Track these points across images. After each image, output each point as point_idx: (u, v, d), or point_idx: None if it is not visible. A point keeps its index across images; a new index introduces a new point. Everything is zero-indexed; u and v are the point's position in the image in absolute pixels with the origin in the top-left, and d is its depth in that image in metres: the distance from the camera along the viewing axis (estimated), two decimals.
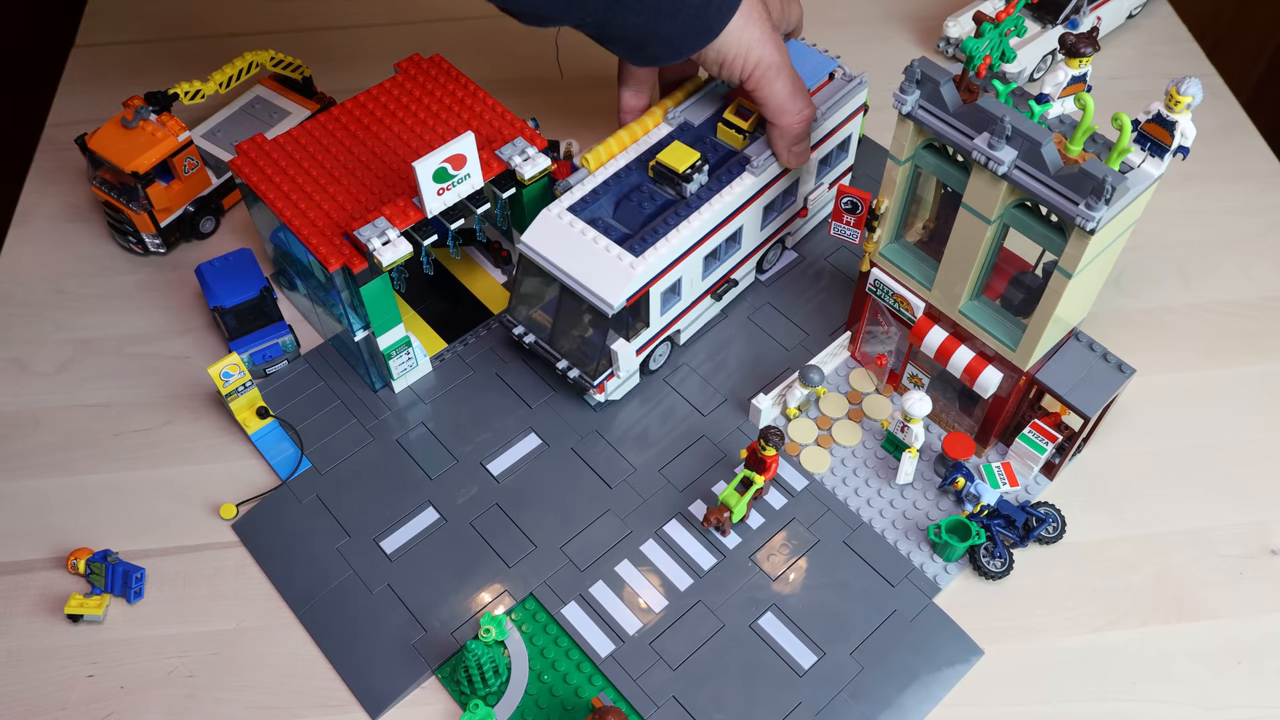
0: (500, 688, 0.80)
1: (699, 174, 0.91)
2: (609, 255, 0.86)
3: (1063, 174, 0.70)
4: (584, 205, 0.91)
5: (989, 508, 0.87)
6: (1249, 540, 0.88)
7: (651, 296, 0.89)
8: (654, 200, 0.92)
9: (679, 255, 0.89)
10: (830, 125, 0.98)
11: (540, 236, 0.89)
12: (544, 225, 0.89)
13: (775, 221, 1.00)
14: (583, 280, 0.87)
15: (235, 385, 0.91)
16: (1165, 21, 1.29)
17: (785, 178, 0.96)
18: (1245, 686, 0.81)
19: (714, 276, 0.96)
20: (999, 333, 0.82)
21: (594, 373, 0.91)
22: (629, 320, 0.90)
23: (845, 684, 0.81)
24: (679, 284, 0.92)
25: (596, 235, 0.87)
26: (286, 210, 0.89)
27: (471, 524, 0.89)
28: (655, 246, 0.87)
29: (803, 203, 1.02)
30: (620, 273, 0.86)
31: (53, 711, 0.81)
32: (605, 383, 0.92)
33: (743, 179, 0.92)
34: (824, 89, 0.98)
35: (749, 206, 0.94)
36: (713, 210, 0.90)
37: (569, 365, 0.92)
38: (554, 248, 0.88)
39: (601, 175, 0.93)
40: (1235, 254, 1.07)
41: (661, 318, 0.92)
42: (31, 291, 1.05)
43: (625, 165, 0.93)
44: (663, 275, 0.88)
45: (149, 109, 1.03)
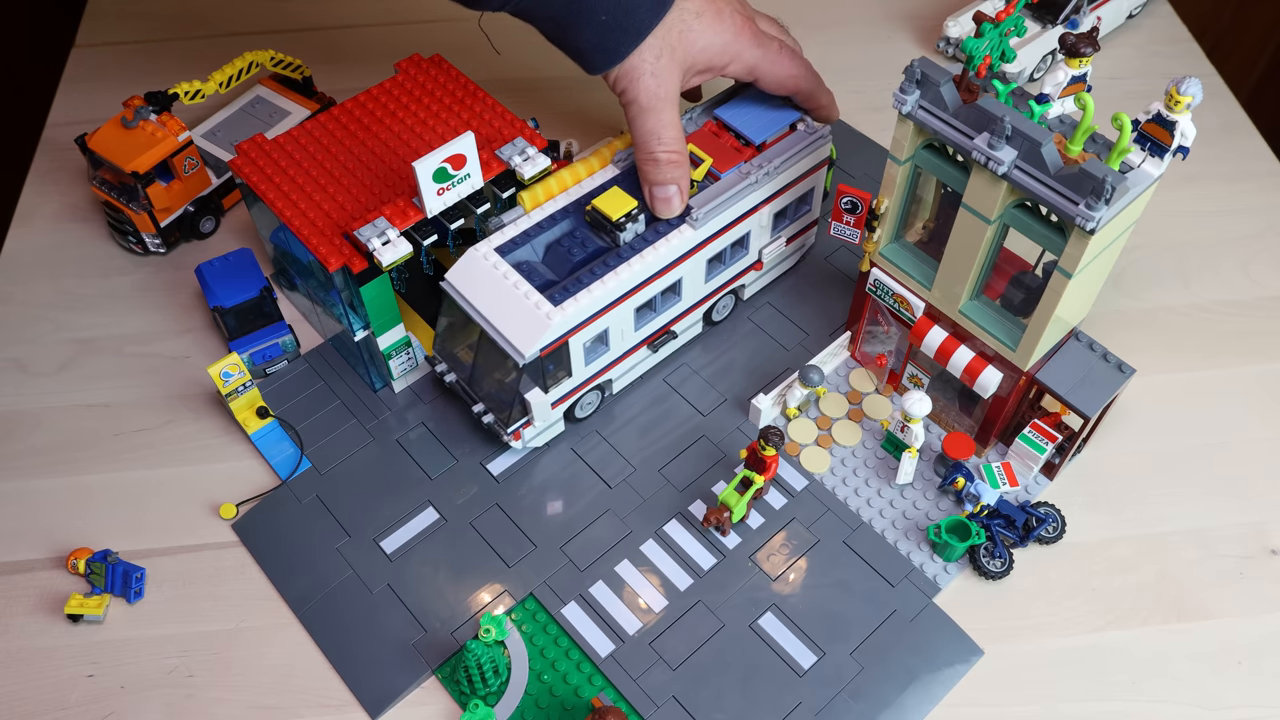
0: (500, 688, 0.80)
1: (634, 223, 0.87)
2: (527, 302, 0.83)
3: (1063, 174, 0.70)
4: (513, 246, 0.87)
5: (989, 508, 0.87)
6: (1249, 540, 0.88)
7: (572, 347, 0.85)
8: (585, 247, 0.87)
9: (604, 306, 0.85)
10: (787, 178, 0.93)
11: (463, 276, 0.86)
12: (468, 264, 0.86)
13: (723, 274, 0.96)
14: (498, 326, 0.83)
15: (235, 385, 0.91)
16: (1165, 21, 1.29)
17: (734, 230, 0.92)
18: (1245, 686, 0.81)
19: (649, 328, 0.92)
20: (999, 333, 0.82)
21: (507, 420, 0.87)
22: (548, 369, 0.85)
23: (845, 684, 0.81)
24: (606, 335, 0.88)
25: (519, 280, 0.84)
26: (286, 210, 0.89)
27: (471, 524, 0.89)
28: (577, 297, 0.83)
29: (757, 256, 0.98)
30: (536, 322, 0.82)
31: (53, 711, 0.81)
32: (522, 430, 0.89)
33: (681, 231, 0.88)
34: (782, 140, 0.93)
35: (689, 259, 0.90)
36: (644, 262, 0.86)
37: (485, 409, 0.89)
38: (475, 289, 0.85)
39: (537, 216, 0.89)
40: (1235, 254, 1.07)
41: (587, 368, 0.89)
42: (31, 291, 1.05)
43: (562, 208, 0.89)
44: (585, 326, 0.85)
45: (149, 109, 1.03)
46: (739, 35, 0.87)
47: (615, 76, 0.85)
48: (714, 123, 0.95)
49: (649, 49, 0.83)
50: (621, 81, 0.85)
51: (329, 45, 1.27)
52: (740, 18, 0.88)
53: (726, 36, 0.87)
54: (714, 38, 0.86)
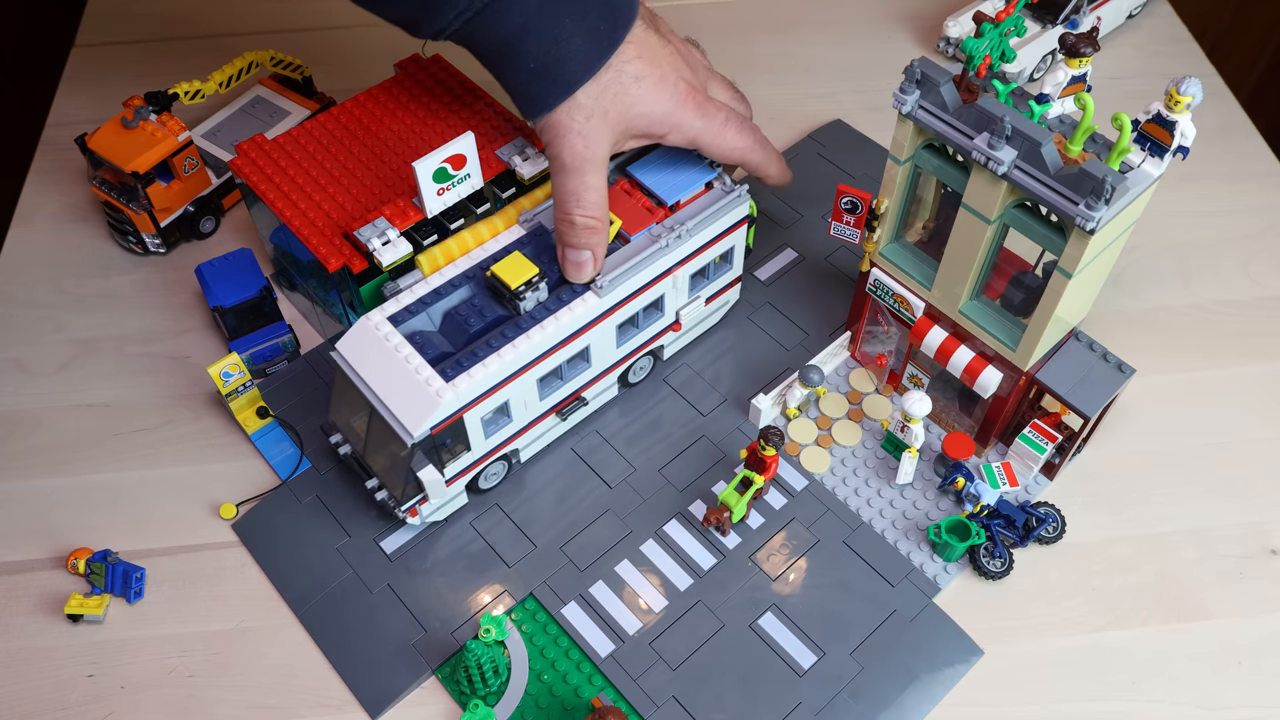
0: (500, 688, 0.80)
1: (534, 291, 0.82)
2: (418, 378, 0.78)
3: (1063, 174, 0.70)
4: (408, 315, 0.82)
5: (989, 508, 0.87)
6: (1249, 540, 0.88)
7: (468, 422, 0.81)
8: (484, 315, 0.82)
9: (502, 379, 0.81)
10: (702, 239, 0.89)
11: (354, 346, 0.81)
12: (360, 334, 0.81)
13: (637, 338, 0.91)
14: (387, 402, 0.79)
15: (235, 385, 0.91)
16: (1165, 21, 1.29)
17: (647, 294, 0.88)
18: (1245, 686, 0.81)
19: (556, 397, 0.88)
20: (999, 333, 0.82)
21: (401, 497, 0.83)
22: (442, 445, 0.81)
23: (845, 684, 0.81)
24: (508, 406, 0.84)
25: (410, 353, 0.79)
26: (286, 210, 0.89)
27: (471, 524, 0.89)
28: (471, 372, 0.79)
29: (674, 317, 0.93)
30: (426, 399, 0.77)
31: (53, 711, 0.81)
32: (418, 506, 0.84)
33: (585, 299, 0.83)
34: (697, 200, 0.89)
35: (595, 327, 0.85)
36: (546, 332, 0.81)
37: (378, 485, 0.84)
38: (365, 361, 0.80)
39: (435, 281, 0.84)
40: (1235, 254, 1.07)
41: (487, 441, 0.84)
42: (31, 291, 1.05)
43: (463, 272, 0.84)
44: (481, 400, 0.80)
45: (149, 109, 1.03)
46: (681, 104, 0.82)
47: (542, 128, 0.80)
48: (626, 180, 0.90)
49: (579, 107, 0.78)
50: (547, 134, 0.80)
51: (329, 45, 1.27)
52: (685, 85, 0.82)
53: (667, 105, 0.81)
54: (652, 105, 0.81)
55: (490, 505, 0.90)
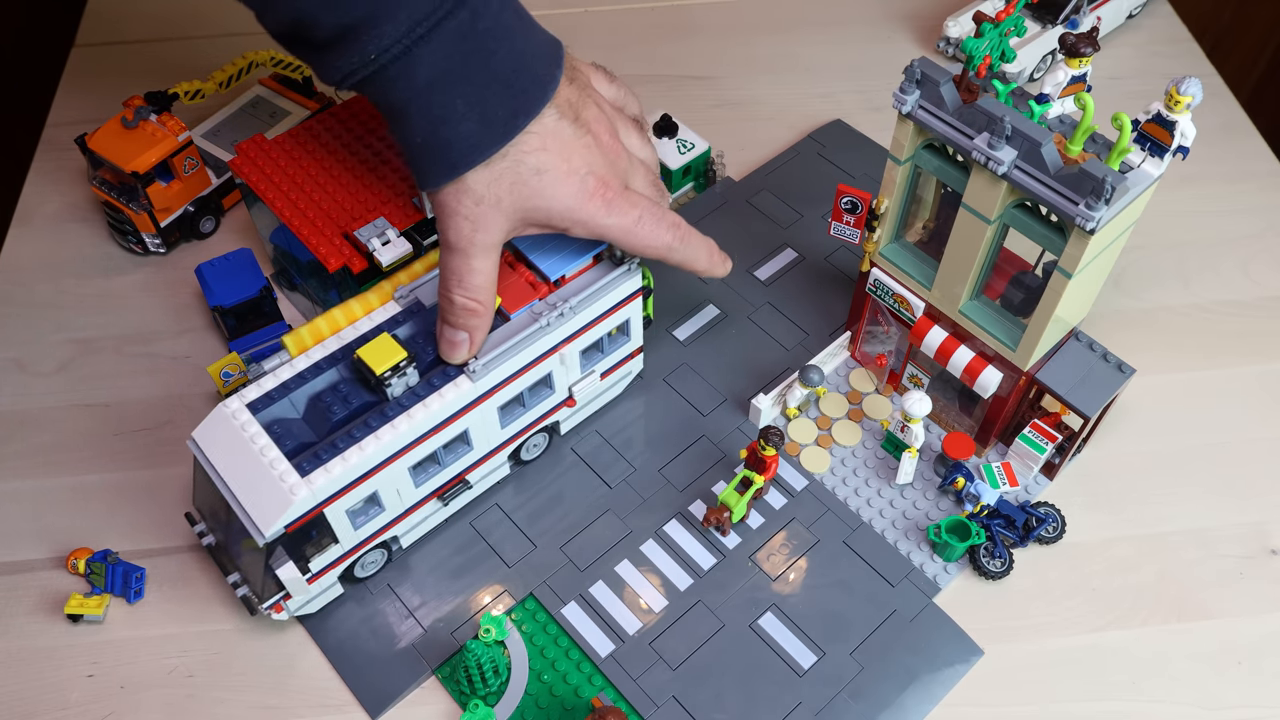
0: (500, 688, 0.80)
1: (402, 376, 0.76)
2: (272, 473, 0.73)
3: (1063, 174, 0.70)
4: (268, 401, 0.76)
5: (989, 508, 0.87)
6: (1249, 540, 0.88)
7: (330, 516, 0.76)
8: (350, 402, 0.76)
9: (366, 471, 0.75)
10: (590, 315, 0.83)
11: (211, 435, 0.76)
12: (216, 422, 0.76)
13: (525, 417, 0.86)
14: (240, 498, 0.73)
15: (235, 385, 0.91)
16: (1165, 21, 1.29)
17: (532, 372, 0.82)
18: (1245, 686, 0.81)
19: (434, 483, 0.83)
20: (999, 333, 0.82)
21: (262, 595, 0.78)
22: (305, 541, 0.76)
23: (845, 684, 0.81)
24: (378, 496, 0.79)
25: (267, 444, 0.74)
26: (286, 210, 0.89)
27: (471, 524, 0.89)
28: (328, 466, 0.73)
29: (567, 393, 0.88)
30: (280, 495, 0.72)
31: (53, 711, 0.81)
32: (283, 602, 0.79)
33: (458, 384, 0.78)
34: (584, 274, 0.83)
35: (471, 411, 0.80)
36: (413, 422, 0.76)
37: (240, 579, 0.80)
38: (221, 452, 0.75)
39: (301, 364, 0.78)
40: (1235, 254, 1.07)
41: (357, 532, 0.79)
42: (31, 291, 1.05)
43: (330, 354, 0.79)
44: (344, 494, 0.75)
45: (149, 109, 1.03)
46: (587, 201, 0.76)
47: (431, 202, 0.76)
48: (510, 253, 0.83)
49: (467, 192, 0.73)
50: (435, 210, 0.75)
51: None
52: (594, 180, 0.76)
53: (570, 201, 0.75)
54: (553, 200, 0.75)
55: (490, 506, 0.90)
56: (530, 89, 0.73)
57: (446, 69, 0.70)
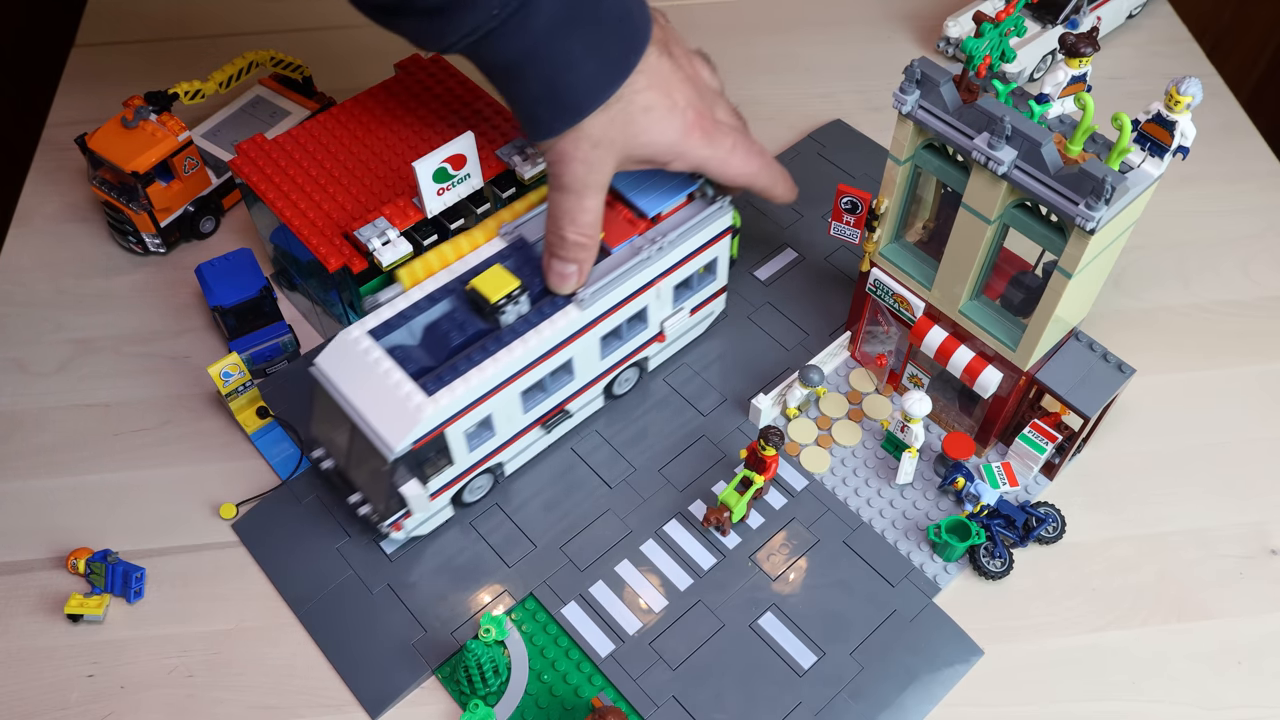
0: (500, 688, 0.81)
1: (515, 304, 0.81)
2: (398, 393, 0.77)
3: (1063, 174, 0.70)
4: (388, 329, 0.81)
5: (989, 508, 0.87)
6: (1249, 540, 0.88)
7: (450, 436, 0.80)
8: (465, 329, 0.81)
9: (484, 393, 0.80)
10: (685, 251, 0.88)
11: (334, 361, 0.80)
12: (339, 349, 0.80)
13: (622, 349, 0.90)
14: (367, 418, 0.78)
15: (235, 385, 0.91)
16: (1165, 21, 1.29)
17: (630, 305, 0.87)
18: (1245, 686, 0.81)
19: (539, 410, 0.87)
20: (999, 333, 0.82)
21: (383, 513, 0.82)
22: (425, 459, 0.80)
23: (845, 684, 0.81)
24: (491, 420, 0.83)
25: (391, 367, 0.78)
26: (286, 210, 0.89)
27: (471, 524, 0.89)
28: (452, 386, 0.78)
29: (658, 329, 0.93)
30: (407, 414, 0.77)
31: (53, 711, 0.81)
32: (402, 521, 0.84)
33: (567, 312, 0.82)
34: (679, 212, 0.88)
35: (578, 340, 0.85)
36: (527, 347, 0.80)
37: (361, 500, 0.84)
38: (345, 376, 0.79)
39: (415, 295, 0.83)
40: (1235, 254, 1.07)
41: (471, 454, 0.84)
42: (31, 291, 1.05)
43: (443, 286, 0.83)
44: (463, 415, 0.79)
45: (149, 109, 1.03)
46: (688, 134, 0.80)
47: (545, 150, 0.79)
48: (608, 194, 0.85)
49: (585, 136, 0.76)
50: (550, 157, 0.79)
51: (329, 45, 1.27)
52: (693, 113, 0.80)
53: (673, 136, 0.79)
54: (659, 136, 0.79)
55: (490, 506, 0.90)
56: (638, 27, 0.76)
57: (563, 15, 0.72)
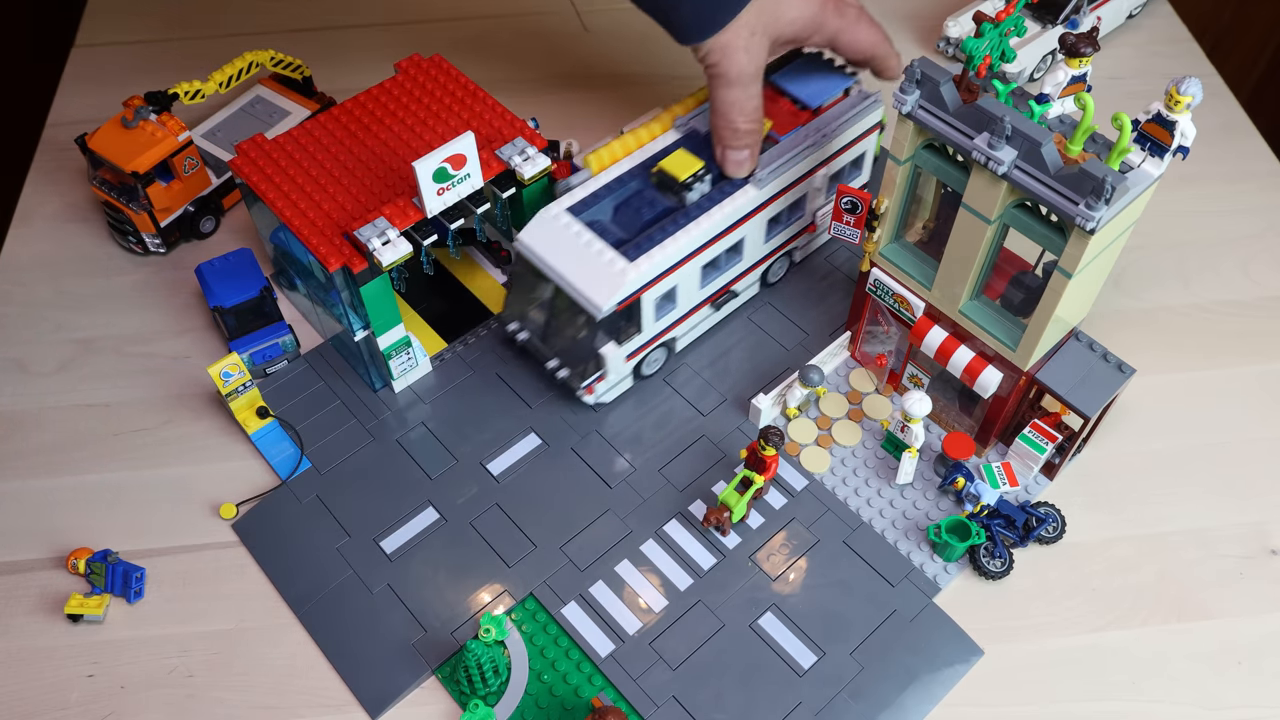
0: (500, 688, 0.81)
1: (700, 183, 0.90)
2: (602, 259, 0.86)
3: (1063, 174, 0.70)
4: (583, 207, 0.90)
5: (989, 508, 0.87)
6: (1249, 540, 0.88)
7: (644, 303, 0.88)
8: (653, 207, 0.91)
9: (674, 263, 0.88)
10: (841, 141, 0.97)
11: (537, 235, 0.89)
12: (541, 224, 0.90)
13: (781, 235, 0.99)
14: (574, 282, 0.87)
15: (235, 385, 0.91)
16: (1165, 21, 1.29)
17: (792, 192, 0.95)
18: (1245, 686, 0.81)
19: (713, 286, 0.96)
20: (999, 333, 0.82)
21: (583, 374, 0.91)
22: (620, 324, 0.89)
23: (845, 684, 0.81)
24: (674, 292, 0.91)
25: (592, 238, 0.88)
26: (286, 210, 0.89)
27: (471, 524, 0.89)
28: (650, 253, 0.86)
29: (811, 218, 1.01)
30: (612, 277, 0.86)
31: (53, 711, 0.81)
32: (595, 384, 0.91)
33: (745, 191, 0.91)
34: (837, 105, 0.97)
35: (751, 219, 0.93)
36: (712, 221, 0.90)
37: (559, 365, 0.92)
38: (549, 247, 0.89)
39: (604, 178, 0.92)
40: (1235, 254, 1.07)
41: (655, 324, 0.92)
42: (31, 291, 1.05)
43: (628, 170, 0.93)
44: (656, 282, 0.88)
45: (149, 109, 1.03)
46: (821, 9, 0.90)
47: (707, 50, 0.86)
48: (771, 88, 0.99)
49: (744, 25, 0.85)
50: (714, 55, 0.86)
51: (329, 45, 1.27)
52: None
53: (810, 12, 0.89)
54: (799, 14, 0.88)
55: (490, 505, 0.90)
56: None
57: None
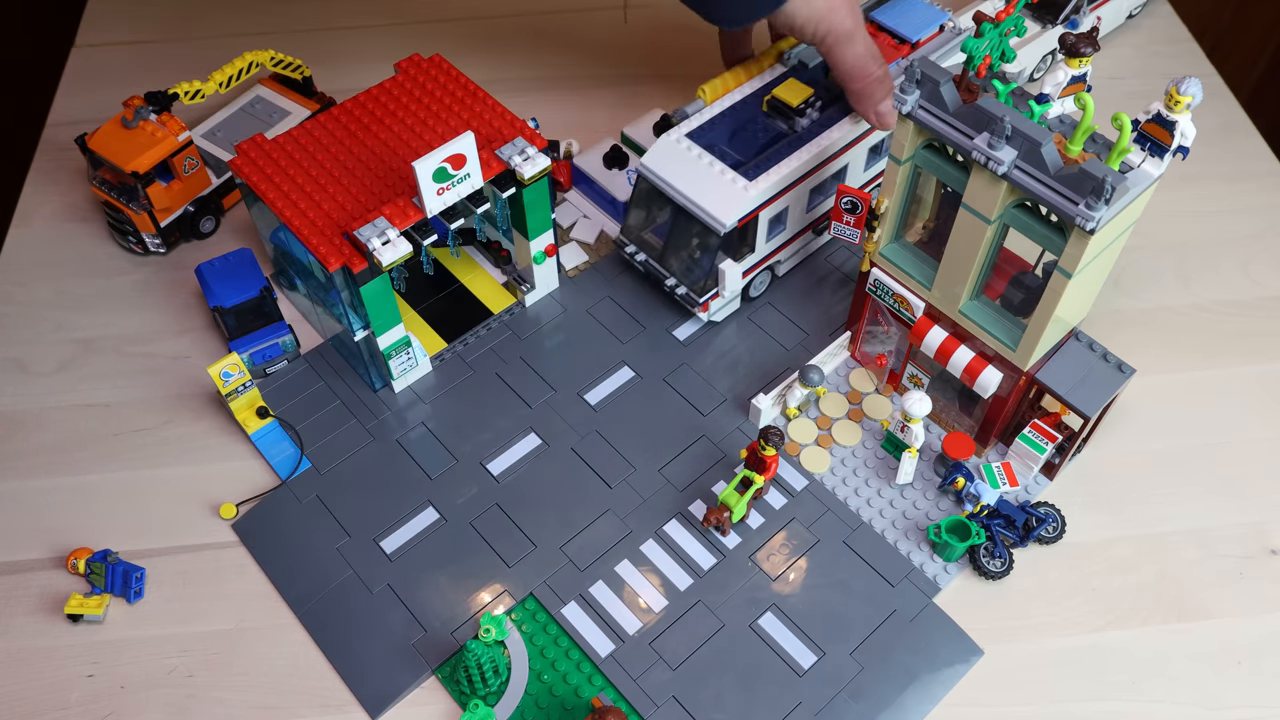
0: (500, 688, 0.81)
1: (811, 109, 0.95)
2: (724, 178, 0.92)
3: (1063, 174, 0.70)
4: (701, 133, 0.96)
5: (989, 508, 0.87)
6: (1249, 540, 0.88)
7: (760, 221, 0.94)
8: (767, 132, 0.96)
9: (788, 184, 0.94)
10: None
11: (659, 159, 0.95)
12: (663, 149, 0.95)
13: (877, 165, 1.04)
14: (697, 200, 0.92)
15: (235, 385, 0.91)
16: (1165, 21, 1.29)
17: None
18: (1245, 686, 0.81)
19: (817, 211, 1.01)
20: (999, 333, 0.82)
21: (700, 290, 0.96)
22: (736, 242, 0.94)
23: (845, 684, 0.81)
24: (785, 214, 0.96)
25: (713, 160, 0.93)
26: (286, 210, 0.89)
27: (471, 524, 0.89)
28: (768, 173, 0.92)
29: None
30: (734, 195, 0.91)
31: (53, 711, 0.81)
32: (710, 302, 0.96)
33: (853, 116, 0.97)
34: (932, 41, 1.01)
35: (856, 145, 0.98)
36: (821, 145, 0.94)
37: (677, 283, 0.97)
38: (671, 170, 0.94)
39: (718, 107, 0.98)
40: (1235, 254, 1.07)
41: (766, 245, 0.97)
42: (31, 291, 1.05)
43: (741, 99, 0.99)
44: (772, 202, 0.93)
45: (149, 109, 1.03)
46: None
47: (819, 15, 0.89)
48: (870, 24, 1.03)
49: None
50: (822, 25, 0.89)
51: (329, 45, 1.27)
52: None
53: None
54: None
55: (490, 506, 0.90)
56: None
57: None
